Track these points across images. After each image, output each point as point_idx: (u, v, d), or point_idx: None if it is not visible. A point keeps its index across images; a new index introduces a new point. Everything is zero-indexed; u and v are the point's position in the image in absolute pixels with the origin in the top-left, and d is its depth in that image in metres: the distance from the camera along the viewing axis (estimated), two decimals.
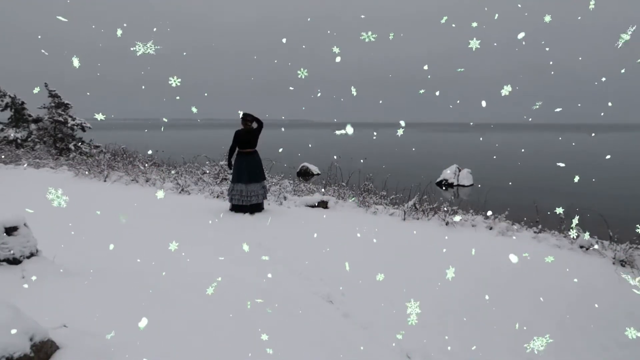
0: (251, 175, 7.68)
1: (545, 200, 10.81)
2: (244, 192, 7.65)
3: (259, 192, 7.76)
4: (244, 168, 7.69)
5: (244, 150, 7.78)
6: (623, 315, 4.04)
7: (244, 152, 7.78)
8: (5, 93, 21.24)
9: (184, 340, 3.11)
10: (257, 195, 7.72)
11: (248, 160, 7.74)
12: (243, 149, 7.79)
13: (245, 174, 7.66)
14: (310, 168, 21.58)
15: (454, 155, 31.43)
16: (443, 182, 19.03)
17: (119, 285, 3.97)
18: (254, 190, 7.67)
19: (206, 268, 4.81)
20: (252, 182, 7.67)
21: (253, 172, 7.72)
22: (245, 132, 7.78)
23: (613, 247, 5.77)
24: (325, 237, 6.21)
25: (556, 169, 21.01)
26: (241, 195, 7.65)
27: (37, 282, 3.72)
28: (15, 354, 2.34)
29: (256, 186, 7.71)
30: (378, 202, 8.98)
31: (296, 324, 3.63)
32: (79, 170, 12.13)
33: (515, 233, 6.68)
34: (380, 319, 3.86)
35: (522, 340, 3.60)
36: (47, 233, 4.69)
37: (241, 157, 7.80)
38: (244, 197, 7.65)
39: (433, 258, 5.34)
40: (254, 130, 7.77)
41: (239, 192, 7.66)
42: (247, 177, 7.65)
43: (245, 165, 7.71)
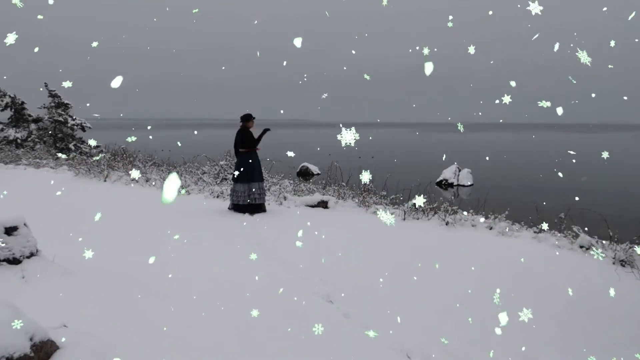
0: (249, 175, 7.67)
1: (545, 201, 10.80)
2: (241, 192, 7.63)
3: (259, 192, 7.73)
4: (243, 167, 7.69)
5: (242, 150, 7.78)
6: (623, 315, 4.04)
7: (243, 151, 7.78)
8: (5, 93, 21.24)
9: (183, 340, 3.11)
10: (258, 196, 7.70)
11: (245, 160, 7.73)
12: (241, 149, 7.78)
13: (244, 173, 7.65)
14: (310, 168, 21.58)
15: (459, 153, 31.40)
16: (443, 182, 19.03)
17: (119, 285, 3.97)
18: (253, 190, 7.64)
19: (206, 268, 4.81)
20: (251, 181, 7.65)
21: (251, 172, 7.71)
22: (240, 131, 7.78)
23: (613, 246, 5.77)
24: (325, 237, 6.20)
25: (556, 169, 21.00)
26: (237, 196, 7.64)
27: (37, 282, 3.72)
28: (15, 354, 2.34)
29: (255, 186, 7.68)
30: (378, 202, 8.98)
31: (296, 324, 3.63)
32: (79, 170, 12.14)
33: (515, 233, 6.67)
34: (380, 319, 3.86)
35: (522, 340, 3.60)
36: (47, 233, 4.68)
37: (241, 157, 7.80)
38: (240, 197, 7.63)
39: (433, 258, 5.34)
40: (245, 132, 7.76)
41: (238, 192, 7.65)
42: (247, 177, 7.64)
43: (244, 165, 7.70)
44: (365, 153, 19.27)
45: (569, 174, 17.12)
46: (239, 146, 7.78)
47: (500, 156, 32.53)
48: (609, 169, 23.78)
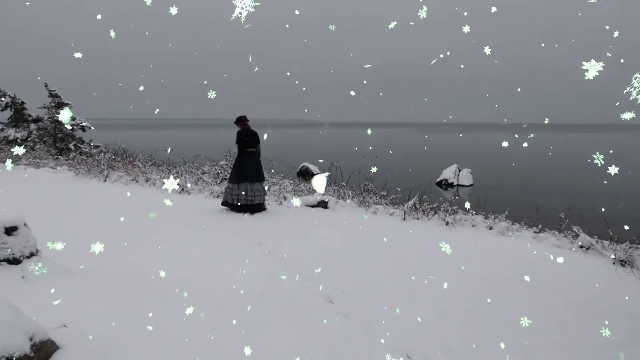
0: (253, 174, 7.70)
1: (545, 200, 10.80)
2: (234, 191, 7.69)
3: (258, 193, 7.74)
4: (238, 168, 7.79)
5: (250, 150, 7.84)
6: (623, 315, 4.04)
7: (250, 151, 7.84)
8: (5, 93, 21.23)
9: (183, 340, 3.11)
10: (258, 196, 7.72)
11: (250, 160, 7.79)
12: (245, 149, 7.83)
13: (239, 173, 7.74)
14: (310, 168, 21.58)
15: (463, 154, 31.37)
16: (443, 182, 19.03)
17: (119, 285, 3.97)
18: (248, 190, 7.68)
19: (206, 268, 4.81)
20: (244, 181, 7.69)
21: (255, 171, 7.75)
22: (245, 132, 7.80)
23: (613, 246, 5.77)
24: (325, 237, 6.21)
25: (556, 168, 20.84)
26: (239, 195, 7.66)
27: (37, 282, 3.73)
28: (15, 354, 2.34)
29: (249, 186, 7.72)
30: (378, 202, 8.98)
31: (296, 324, 3.63)
32: (79, 170, 12.13)
33: (515, 233, 6.67)
34: (380, 319, 3.86)
35: (522, 340, 3.60)
36: (47, 233, 4.68)
37: (247, 157, 7.85)
38: (234, 197, 7.69)
39: (433, 258, 5.34)
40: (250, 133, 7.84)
41: (236, 190, 7.70)
42: (250, 177, 7.69)
43: (250, 165, 7.78)
44: (369, 153, 19.29)
45: (569, 174, 17.16)
46: (245, 146, 7.81)
47: (501, 156, 32.51)
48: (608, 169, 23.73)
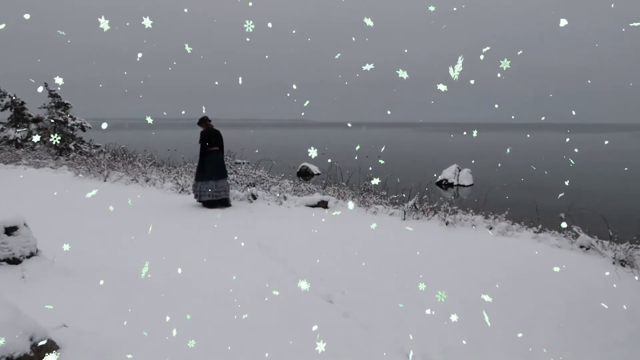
0: (211, 173, 8.12)
1: (545, 200, 10.80)
2: (202, 188, 8.08)
3: (223, 189, 8.17)
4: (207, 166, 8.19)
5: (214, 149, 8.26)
6: (623, 315, 4.04)
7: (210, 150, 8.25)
8: (5, 93, 21.23)
9: (183, 340, 3.11)
10: (223, 192, 8.18)
11: (216, 158, 8.25)
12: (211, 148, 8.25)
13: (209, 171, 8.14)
14: (310, 168, 21.59)
15: (458, 155, 31.38)
16: (443, 182, 19.03)
17: (119, 286, 3.97)
18: (213, 187, 8.07)
19: (205, 268, 4.81)
20: (209, 179, 8.07)
21: (213, 170, 8.17)
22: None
23: (613, 246, 5.76)
24: (325, 236, 6.21)
25: (556, 168, 20.85)
26: (208, 192, 8.06)
27: (37, 282, 3.73)
28: (15, 353, 2.34)
29: (213, 183, 8.07)
30: (378, 202, 8.98)
31: (296, 324, 3.63)
32: (79, 170, 12.13)
33: (515, 233, 6.67)
34: (380, 319, 3.86)
35: (522, 340, 3.60)
36: (47, 233, 4.68)
37: (212, 155, 8.24)
38: (201, 193, 8.07)
39: (433, 258, 5.34)
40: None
41: (204, 188, 8.09)
42: (206, 175, 8.09)
43: (216, 163, 8.22)
44: (372, 152, 19.29)
45: (569, 174, 17.11)
46: (210, 145, 8.24)
47: (502, 156, 32.52)
48: (608, 169, 23.79)
